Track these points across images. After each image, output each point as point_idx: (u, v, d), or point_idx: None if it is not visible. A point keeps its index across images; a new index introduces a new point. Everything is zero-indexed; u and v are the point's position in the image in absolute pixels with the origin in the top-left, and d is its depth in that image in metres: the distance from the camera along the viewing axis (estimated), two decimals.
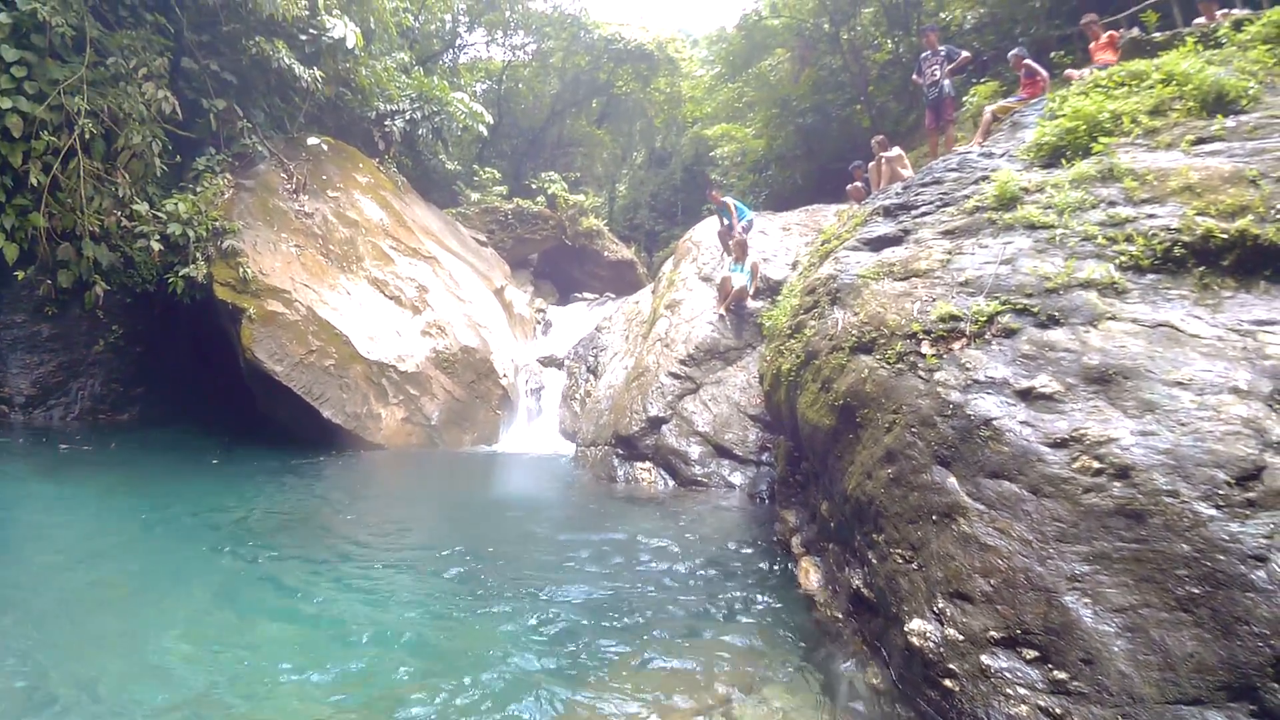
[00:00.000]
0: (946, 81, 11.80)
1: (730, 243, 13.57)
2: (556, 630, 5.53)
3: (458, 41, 32.84)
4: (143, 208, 13.59)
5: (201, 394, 16.14)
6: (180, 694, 4.44)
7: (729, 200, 14.67)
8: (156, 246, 13.41)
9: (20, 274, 12.85)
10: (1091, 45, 10.71)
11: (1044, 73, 10.47)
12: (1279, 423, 3.68)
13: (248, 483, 10.66)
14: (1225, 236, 4.85)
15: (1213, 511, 3.45)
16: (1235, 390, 3.90)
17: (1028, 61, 10.57)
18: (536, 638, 5.39)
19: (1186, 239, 5.00)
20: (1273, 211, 4.87)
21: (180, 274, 13.50)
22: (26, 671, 4.68)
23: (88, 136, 12.93)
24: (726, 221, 14.16)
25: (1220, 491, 3.49)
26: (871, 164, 12.20)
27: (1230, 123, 5.91)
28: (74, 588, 6.24)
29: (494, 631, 5.51)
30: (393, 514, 9.54)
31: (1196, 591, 3.33)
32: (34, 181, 12.41)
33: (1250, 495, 3.44)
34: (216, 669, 4.81)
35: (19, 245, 12.60)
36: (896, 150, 11.79)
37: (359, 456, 13.11)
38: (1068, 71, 10.84)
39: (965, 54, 11.82)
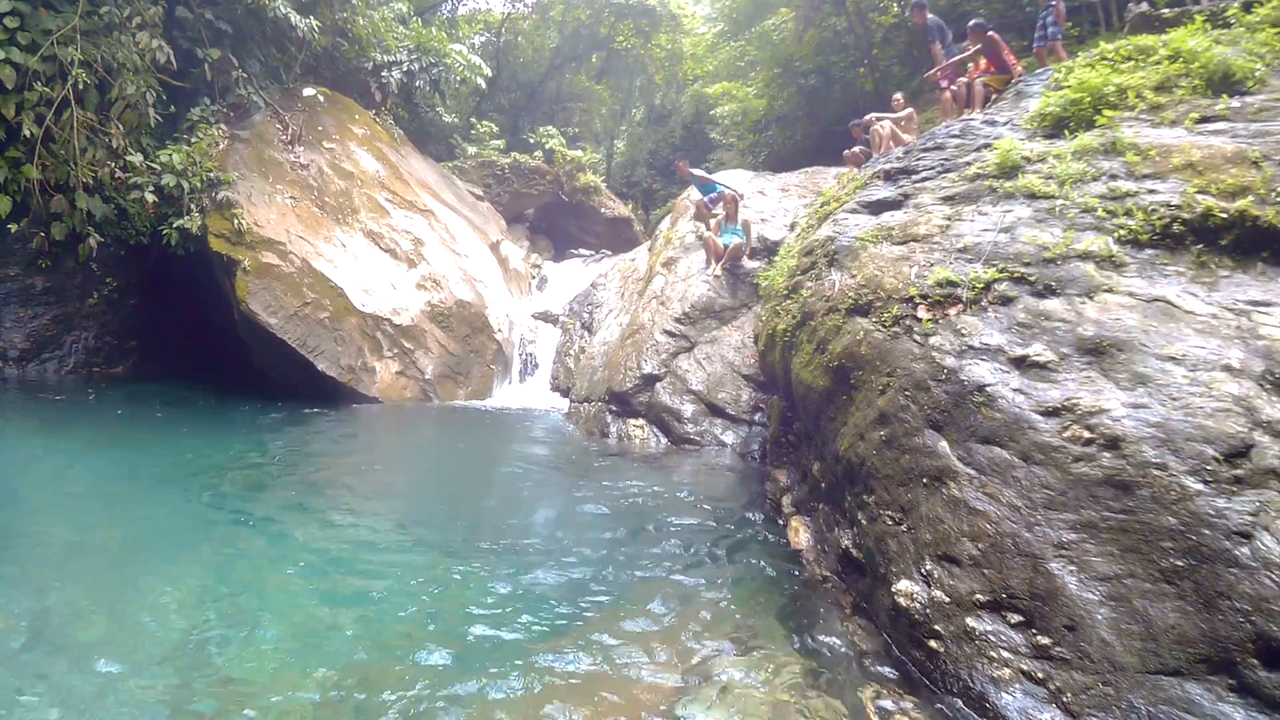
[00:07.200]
0: (941, 52, 11.95)
1: (725, 197, 13.56)
2: (537, 588, 5.51)
3: None
4: (137, 159, 13.41)
5: (197, 347, 16.10)
6: (161, 651, 4.41)
7: (699, 172, 14.88)
8: (150, 198, 13.27)
9: (13, 227, 12.78)
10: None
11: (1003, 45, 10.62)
12: (1269, 402, 3.74)
13: (242, 436, 10.70)
14: (1225, 216, 4.90)
15: (1200, 486, 3.51)
16: (1228, 368, 3.95)
17: (991, 33, 10.63)
18: (515, 595, 5.36)
19: (1186, 216, 5.03)
20: (1273, 194, 4.93)
21: (174, 225, 13.39)
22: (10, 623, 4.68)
23: (81, 87, 12.74)
24: (708, 196, 14.26)
25: (1208, 467, 3.55)
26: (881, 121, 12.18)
27: (1235, 103, 5.93)
28: (55, 540, 6.21)
29: (470, 589, 5.46)
30: (381, 469, 9.56)
31: (1180, 564, 3.40)
32: (27, 133, 12.25)
33: (1238, 472, 3.50)
34: (200, 625, 4.77)
35: (12, 198, 12.50)
36: (908, 110, 11.88)
37: (353, 410, 13.11)
38: None
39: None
